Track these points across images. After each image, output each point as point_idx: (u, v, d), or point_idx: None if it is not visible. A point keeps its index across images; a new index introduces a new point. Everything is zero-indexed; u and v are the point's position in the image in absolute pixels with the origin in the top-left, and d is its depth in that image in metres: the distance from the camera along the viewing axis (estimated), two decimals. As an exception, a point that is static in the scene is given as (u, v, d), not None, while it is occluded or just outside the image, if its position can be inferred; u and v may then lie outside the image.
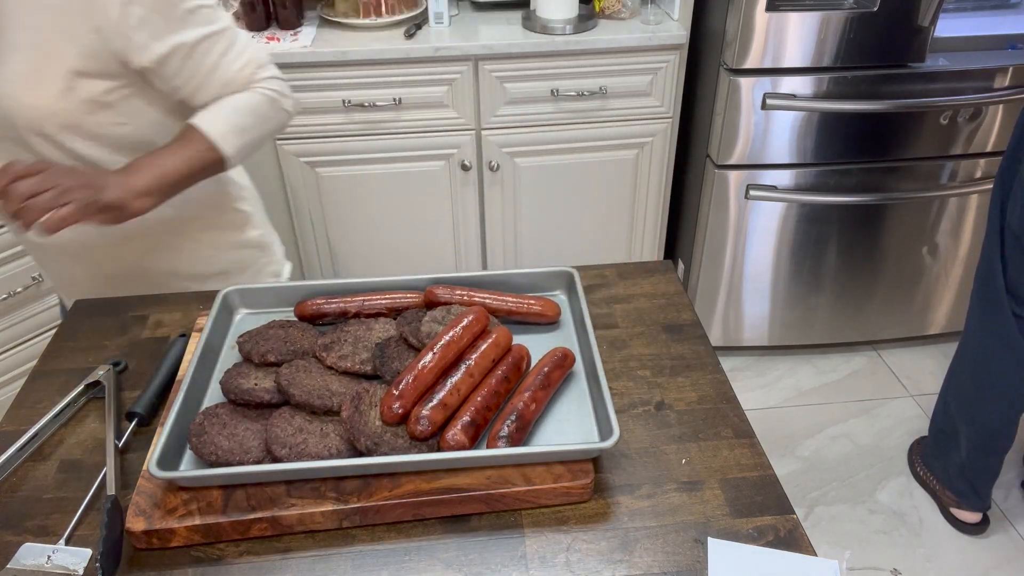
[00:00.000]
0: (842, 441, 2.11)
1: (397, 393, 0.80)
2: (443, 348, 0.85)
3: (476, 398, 0.82)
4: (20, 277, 1.71)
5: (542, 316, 0.97)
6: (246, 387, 0.85)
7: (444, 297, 0.96)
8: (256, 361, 0.89)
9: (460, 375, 0.83)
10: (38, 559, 0.73)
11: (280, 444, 0.78)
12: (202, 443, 0.78)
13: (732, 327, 2.31)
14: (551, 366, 0.87)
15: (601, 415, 0.82)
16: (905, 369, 2.35)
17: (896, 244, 2.17)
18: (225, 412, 0.83)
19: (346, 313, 0.97)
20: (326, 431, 0.81)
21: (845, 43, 1.86)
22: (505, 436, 0.79)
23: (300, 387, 0.84)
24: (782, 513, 0.77)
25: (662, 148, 2.14)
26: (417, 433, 0.78)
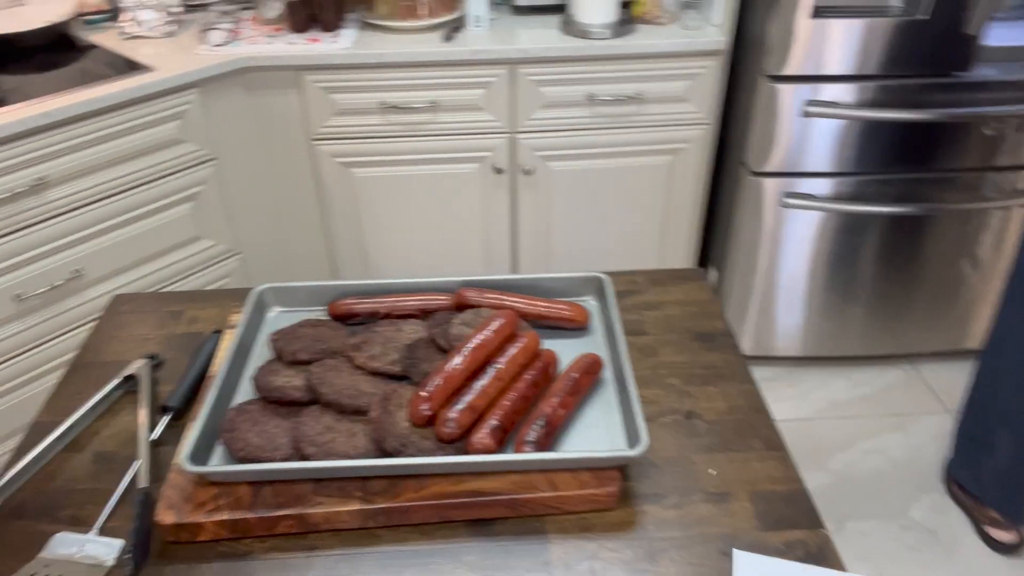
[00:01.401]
0: (875, 456, 2.07)
1: (425, 395, 0.81)
2: (472, 351, 0.85)
3: (504, 402, 0.82)
4: (61, 270, 1.75)
5: (572, 321, 0.97)
6: (277, 384, 0.86)
7: (474, 300, 0.96)
8: (287, 359, 0.90)
9: (488, 378, 0.83)
10: (70, 549, 0.75)
11: (309, 442, 0.79)
12: (233, 439, 0.79)
13: (764, 336, 2.28)
14: (580, 372, 0.86)
15: (629, 423, 0.81)
16: (942, 384, 2.29)
17: (936, 256, 2.12)
18: (256, 409, 0.84)
19: (377, 313, 0.98)
20: (354, 431, 0.81)
21: (890, 51, 1.82)
22: (532, 441, 0.78)
23: (330, 386, 0.84)
24: (812, 528, 0.75)
25: (698, 154, 2.12)
26: (444, 435, 0.78)
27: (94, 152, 1.71)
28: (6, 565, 0.74)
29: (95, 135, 1.70)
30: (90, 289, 1.83)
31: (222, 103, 1.90)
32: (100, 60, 1.86)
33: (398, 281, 1.01)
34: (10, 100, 1.64)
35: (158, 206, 1.87)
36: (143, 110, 1.75)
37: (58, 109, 1.61)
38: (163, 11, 2.00)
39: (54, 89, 1.68)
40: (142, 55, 1.87)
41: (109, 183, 1.76)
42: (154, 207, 1.86)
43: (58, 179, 1.68)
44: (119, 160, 1.76)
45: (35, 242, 1.70)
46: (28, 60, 1.87)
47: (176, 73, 1.76)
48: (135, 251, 1.87)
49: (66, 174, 1.69)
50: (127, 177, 1.79)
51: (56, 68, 1.83)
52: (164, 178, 1.85)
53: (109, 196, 1.77)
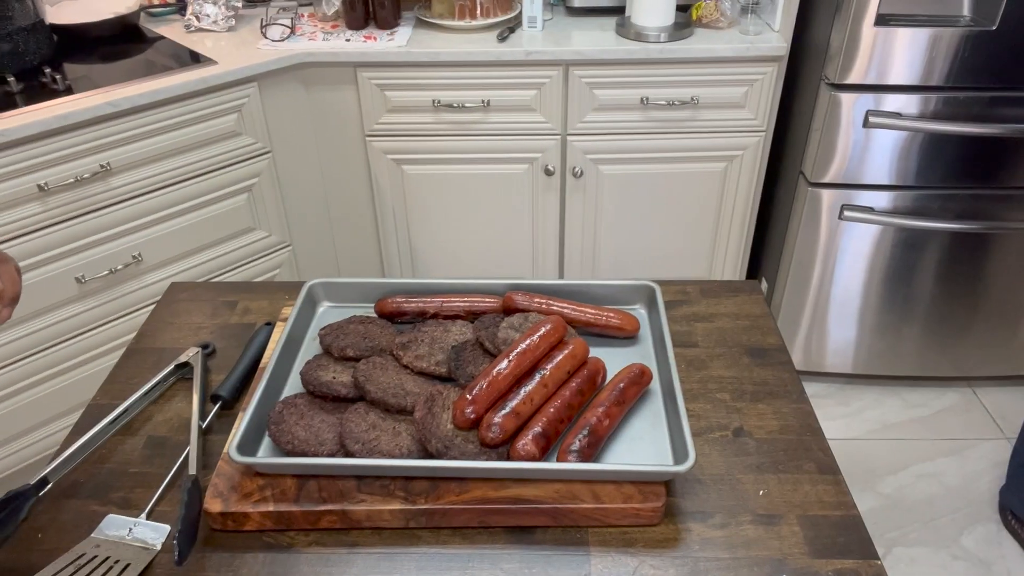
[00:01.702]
0: (928, 480, 2.00)
1: (470, 398, 0.80)
2: (519, 356, 0.84)
3: (549, 409, 0.81)
4: (122, 255, 1.81)
5: (620, 330, 0.95)
6: (324, 380, 0.86)
7: (522, 304, 0.96)
8: (336, 355, 0.91)
9: (534, 384, 0.83)
10: (120, 531, 0.77)
11: (353, 439, 0.79)
12: (280, 431, 0.80)
13: (815, 351, 2.22)
14: (627, 382, 0.85)
15: (676, 437, 0.80)
16: (1001, 409, 2.20)
17: (1000, 276, 2.04)
18: (303, 403, 0.85)
19: (424, 313, 0.98)
20: (398, 430, 0.81)
21: (958, 62, 1.76)
22: (576, 451, 0.77)
23: (376, 384, 0.85)
24: (865, 557, 0.72)
25: (752, 162, 2.08)
26: (488, 440, 0.78)
27: (156, 141, 1.75)
28: (59, 543, 0.76)
29: (158, 125, 1.74)
30: (148, 275, 1.88)
31: (279, 97, 1.93)
32: (165, 52, 1.91)
33: (446, 281, 1.01)
34: (77, 89, 1.69)
35: (215, 196, 1.91)
36: (204, 102, 1.79)
37: (124, 98, 1.66)
38: (225, 6, 2.04)
39: (120, 79, 1.73)
40: (204, 48, 1.92)
41: (169, 172, 1.80)
42: (211, 197, 1.90)
43: (121, 167, 1.73)
44: (180, 150, 1.80)
45: (97, 227, 1.75)
46: (95, 50, 1.93)
47: (237, 67, 1.80)
48: (192, 239, 1.91)
49: (129, 162, 1.73)
50: (186, 167, 1.83)
51: (122, 58, 1.88)
52: (221, 169, 1.89)
53: (169, 185, 1.82)
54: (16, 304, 0.78)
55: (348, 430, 0.80)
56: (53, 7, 2.02)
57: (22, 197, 1.62)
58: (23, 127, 1.55)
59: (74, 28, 1.94)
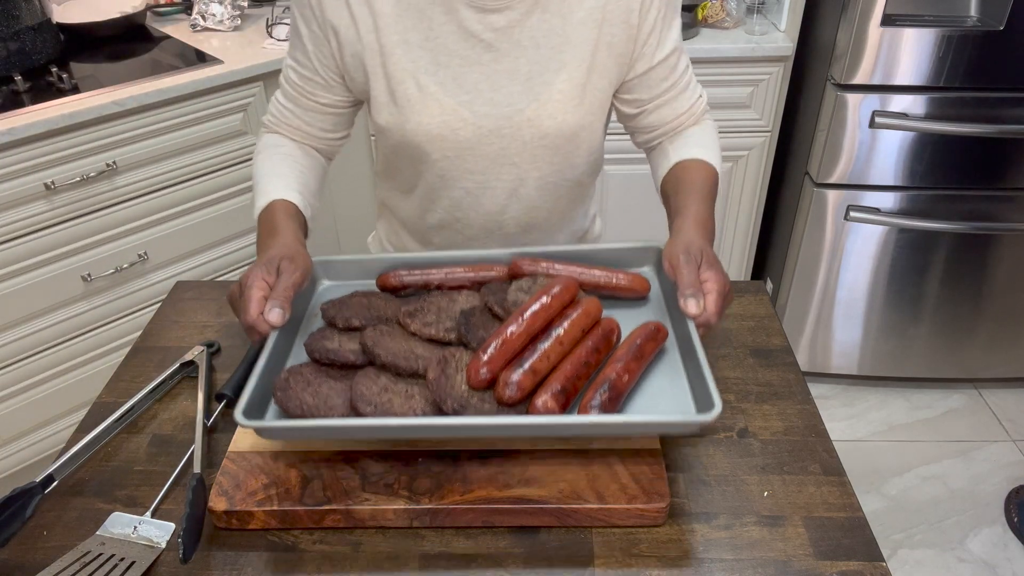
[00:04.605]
0: (933, 482, 1.99)
1: (485, 358, 0.77)
2: (531, 316, 0.81)
3: (566, 366, 0.78)
4: (128, 254, 1.81)
5: (631, 291, 0.92)
6: (330, 347, 0.84)
7: (529, 269, 0.93)
8: (340, 326, 0.87)
9: (550, 343, 0.79)
10: (125, 529, 0.77)
11: (365, 401, 0.76)
12: (287, 397, 0.77)
13: (820, 353, 2.22)
14: (643, 339, 0.81)
15: (699, 390, 0.77)
16: (1008, 411, 2.19)
17: (1006, 277, 2.03)
18: (309, 371, 0.82)
19: (428, 285, 0.95)
20: (411, 393, 0.78)
21: (964, 62, 1.75)
22: (597, 405, 0.74)
23: (385, 348, 0.82)
24: (870, 559, 0.72)
25: (758, 163, 2.07)
26: (505, 398, 0.75)
27: (162, 140, 1.76)
28: (64, 540, 0.76)
29: (164, 124, 1.75)
30: (153, 273, 1.88)
31: (285, 96, 1.93)
32: (170, 51, 1.92)
33: (449, 253, 0.98)
34: (84, 88, 1.70)
35: (221, 195, 1.91)
36: (210, 101, 1.79)
37: (130, 97, 1.66)
38: (231, 5, 2.04)
39: (126, 78, 1.73)
40: (210, 47, 1.92)
41: (175, 171, 1.81)
42: (217, 196, 1.91)
43: (127, 166, 1.73)
44: (185, 149, 1.81)
45: (104, 225, 1.75)
46: (102, 49, 1.94)
47: (242, 66, 1.81)
48: (197, 238, 1.92)
49: (135, 161, 1.74)
50: (192, 166, 1.83)
51: (128, 57, 1.89)
52: (227, 168, 1.90)
53: (175, 184, 1.83)
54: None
55: (359, 393, 0.77)
56: (60, 6, 2.03)
57: (29, 196, 1.63)
58: (30, 126, 1.56)
59: (80, 27, 1.95)
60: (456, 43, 0.94)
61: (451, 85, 0.95)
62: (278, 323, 0.80)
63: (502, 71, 0.95)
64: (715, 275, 0.82)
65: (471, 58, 0.95)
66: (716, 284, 0.82)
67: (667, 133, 1.07)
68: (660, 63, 0.99)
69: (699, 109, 1.07)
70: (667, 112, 1.04)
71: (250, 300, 0.81)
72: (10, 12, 1.73)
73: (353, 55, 0.96)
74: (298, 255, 0.87)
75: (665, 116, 1.05)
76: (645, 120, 1.05)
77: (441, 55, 0.94)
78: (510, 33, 0.94)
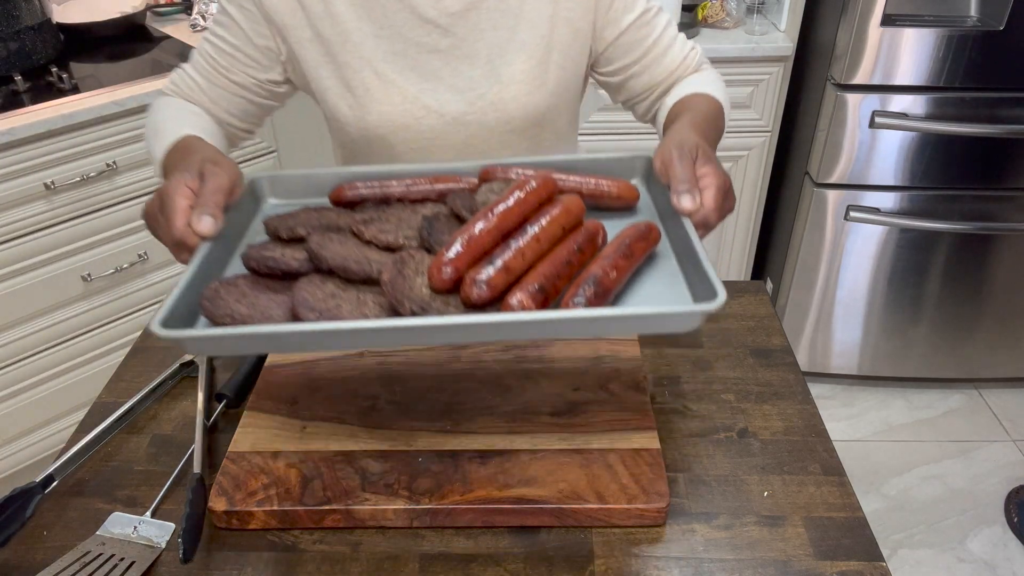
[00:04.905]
0: (933, 482, 1.99)
1: (449, 255, 0.66)
2: (503, 212, 0.70)
3: (544, 265, 0.67)
4: (128, 254, 1.81)
5: (618, 199, 0.82)
6: (271, 254, 0.73)
7: (502, 175, 0.83)
8: (284, 236, 0.77)
9: (525, 240, 0.69)
10: (125, 529, 0.77)
11: (308, 307, 0.66)
12: (215, 307, 0.66)
13: (820, 353, 2.22)
14: (633, 238, 0.72)
15: (699, 287, 0.68)
16: (1008, 411, 2.19)
17: (1006, 277, 2.03)
18: (246, 283, 0.71)
19: (388, 199, 0.84)
20: (364, 299, 0.68)
21: (964, 62, 1.75)
22: (582, 302, 0.64)
23: (334, 252, 0.71)
24: (871, 560, 0.72)
25: (758, 163, 2.07)
26: (473, 297, 0.64)
27: (162, 141, 1.76)
28: (64, 540, 0.76)
29: (163, 124, 1.75)
30: (153, 273, 1.88)
31: (285, 97, 1.93)
32: (170, 51, 1.92)
33: (412, 166, 0.87)
34: (84, 88, 1.70)
35: (220, 195, 1.91)
36: (210, 101, 1.79)
37: (130, 97, 1.66)
38: (233, 5, 2.04)
39: (126, 78, 1.74)
40: (211, 47, 1.92)
41: (175, 171, 1.81)
42: (216, 196, 1.91)
43: (127, 166, 1.73)
44: (185, 149, 1.81)
45: (104, 225, 1.76)
46: (101, 49, 1.94)
47: (243, 66, 1.80)
48: (196, 238, 1.92)
49: (135, 161, 1.74)
50: (192, 166, 1.83)
51: (128, 58, 1.89)
52: (227, 168, 1.90)
53: (174, 184, 1.82)
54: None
55: (301, 298, 0.66)
56: (60, 6, 2.03)
57: (29, 196, 1.63)
58: (30, 126, 1.56)
59: (80, 27, 1.95)
60: (412, 30, 0.93)
61: (410, 73, 0.94)
62: (210, 232, 0.70)
63: (461, 56, 0.94)
64: (713, 170, 0.74)
65: (428, 44, 0.94)
66: (715, 179, 0.73)
67: (664, 92, 1.02)
68: (632, 25, 0.96)
69: (693, 61, 1.01)
70: (657, 71, 1.00)
71: (175, 211, 0.70)
72: (10, 12, 1.73)
73: (298, 41, 0.94)
74: (223, 160, 0.77)
75: (656, 75, 1.00)
76: (634, 84, 1.01)
77: (397, 43, 0.93)
78: (467, 17, 0.93)
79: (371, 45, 0.93)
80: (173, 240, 0.71)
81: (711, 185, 0.73)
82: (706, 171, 0.74)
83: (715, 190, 0.72)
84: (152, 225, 0.75)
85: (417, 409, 0.86)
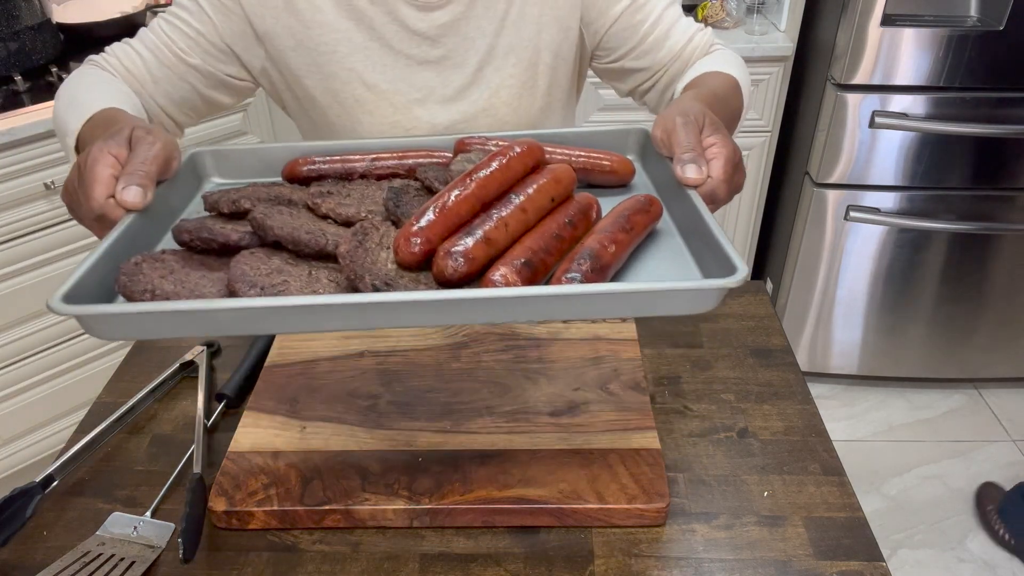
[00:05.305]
0: (933, 482, 1.99)
1: (420, 224, 0.57)
2: (484, 178, 0.60)
3: (531, 238, 0.59)
4: (127, 254, 1.81)
5: (612, 173, 0.73)
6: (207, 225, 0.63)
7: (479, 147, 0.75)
8: (226, 210, 0.66)
9: (510, 209, 0.60)
10: (125, 529, 0.77)
11: (247, 283, 0.55)
12: (133, 283, 0.55)
13: (820, 352, 2.22)
14: (632, 210, 0.64)
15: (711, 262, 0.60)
16: (1008, 411, 2.19)
17: (1006, 277, 2.03)
18: (175, 259, 0.60)
19: (351, 175, 0.74)
20: (316, 276, 0.58)
21: (964, 62, 1.75)
22: (578, 278, 0.56)
23: (282, 222, 0.61)
24: (871, 560, 0.72)
25: (758, 163, 2.07)
26: (448, 271, 0.54)
27: (162, 141, 1.76)
28: (64, 540, 0.76)
29: (163, 124, 1.75)
30: (152, 274, 1.88)
31: (285, 97, 1.93)
32: (171, 51, 1.91)
33: (377, 140, 0.78)
34: (86, 88, 1.70)
35: (220, 195, 1.91)
36: (210, 101, 1.79)
37: (130, 98, 1.66)
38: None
39: (127, 78, 1.73)
40: (211, 47, 1.92)
41: (174, 171, 1.81)
42: (216, 196, 1.91)
43: (127, 166, 1.73)
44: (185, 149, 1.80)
45: (103, 226, 1.75)
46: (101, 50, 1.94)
47: (243, 66, 1.80)
48: (196, 238, 1.92)
49: (135, 161, 1.74)
50: (192, 166, 1.83)
51: (130, 58, 1.89)
52: (227, 168, 1.90)
53: (174, 184, 1.82)
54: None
55: (240, 272, 0.55)
56: (60, 6, 2.03)
57: (29, 195, 1.63)
58: (30, 126, 1.56)
59: (80, 27, 1.95)
60: (401, 43, 0.92)
61: (401, 84, 0.94)
62: (138, 204, 0.60)
63: (451, 66, 0.94)
64: (722, 139, 0.67)
65: (418, 56, 0.93)
66: (723, 148, 0.66)
67: (675, 76, 0.96)
68: (625, 12, 0.93)
69: (701, 42, 0.95)
70: (660, 55, 0.95)
71: (95, 180, 0.60)
72: (10, 12, 1.73)
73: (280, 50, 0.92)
74: (157, 130, 0.68)
75: (659, 59, 0.95)
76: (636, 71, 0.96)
77: (387, 55, 0.93)
78: (456, 27, 0.92)
79: (360, 57, 0.93)
80: (92, 213, 0.61)
81: (719, 155, 0.66)
82: (714, 140, 0.67)
83: (724, 160, 0.65)
84: (70, 203, 0.65)
85: (417, 409, 0.86)
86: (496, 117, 0.96)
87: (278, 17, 0.91)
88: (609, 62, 1.00)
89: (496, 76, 0.95)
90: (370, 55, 0.93)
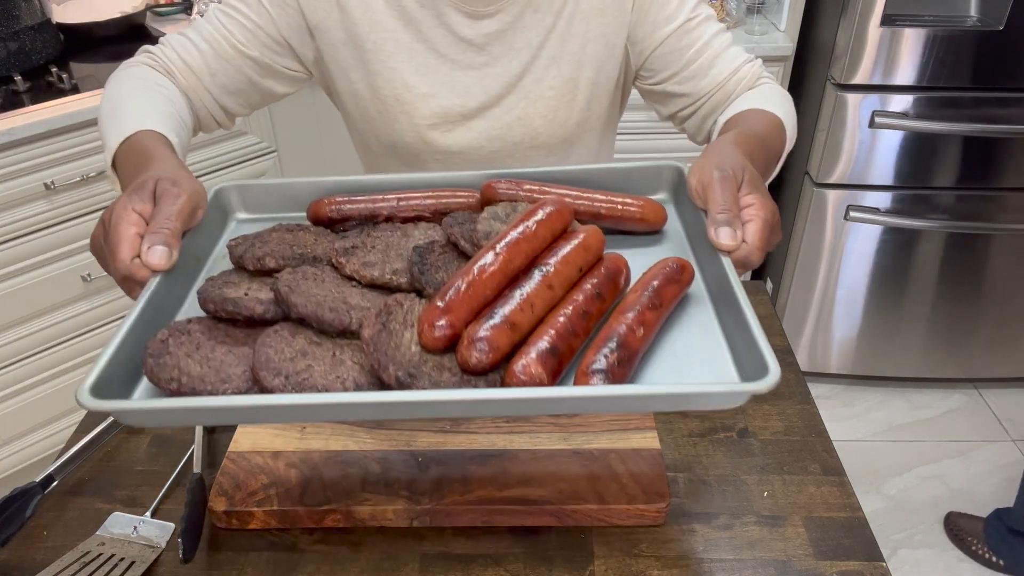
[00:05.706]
0: (933, 482, 1.99)
1: (443, 305, 0.57)
2: (509, 247, 0.60)
3: (557, 319, 0.58)
4: (127, 254, 1.81)
5: (642, 221, 0.72)
6: (231, 295, 0.63)
7: (507, 193, 0.72)
8: (251, 267, 0.67)
9: (534, 285, 0.59)
10: (125, 529, 0.77)
11: (273, 371, 0.55)
12: (161, 366, 0.56)
13: (820, 353, 2.22)
14: (662, 280, 0.62)
15: (741, 349, 0.57)
16: (1008, 411, 2.19)
17: (1006, 277, 2.03)
18: (200, 330, 0.61)
19: (376, 216, 0.74)
20: (340, 358, 0.58)
21: (964, 62, 1.75)
22: (602, 371, 0.54)
23: (305, 296, 0.61)
24: (871, 560, 0.72)
25: (758, 163, 2.07)
26: (472, 362, 0.54)
27: (162, 141, 1.76)
28: (64, 540, 0.76)
29: (163, 124, 1.75)
30: (152, 274, 1.88)
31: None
32: (171, 51, 1.91)
33: (404, 176, 0.77)
34: (83, 88, 1.70)
35: (220, 195, 1.91)
36: (210, 101, 1.79)
37: (130, 98, 1.66)
38: (233, 5, 2.04)
39: (127, 78, 1.73)
40: (211, 47, 1.92)
41: (174, 171, 1.81)
42: (216, 196, 1.91)
43: (127, 166, 1.73)
44: (185, 149, 1.81)
45: (103, 226, 1.75)
46: (101, 49, 1.94)
47: (243, 66, 1.80)
48: (196, 238, 1.92)
49: (135, 161, 1.74)
50: (192, 166, 1.83)
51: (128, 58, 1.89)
52: (227, 168, 1.90)
53: (174, 184, 1.82)
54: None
55: (264, 358, 0.56)
56: (60, 6, 2.02)
57: (29, 195, 1.63)
58: (30, 126, 1.56)
59: (80, 27, 1.95)
60: (447, 47, 0.93)
61: (441, 87, 0.95)
62: (163, 265, 0.61)
63: (494, 74, 0.95)
64: (760, 200, 0.64)
65: (463, 62, 0.94)
66: (761, 211, 0.63)
67: (716, 106, 0.94)
68: (672, 34, 0.92)
69: (748, 74, 0.92)
70: (703, 83, 0.93)
71: (120, 240, 0.61)
72: (10, 12, 1.73)
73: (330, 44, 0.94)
74: (181, 177, 0.67)
75: (701, 87, 0.93)
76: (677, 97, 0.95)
77: (432, 58, 0.94)
78: (503, 37, 0.93)
79: (404, 57, 0.94)
80: (120, 275, 0.62)
81: (756, 217, 0.63)
82: (752, 200, 0.64)
83: (760, 224, 0.62)
84: (99, 257, 0.65)
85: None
86: (531, 128, 0.96)
87: (329, 11, 0.92)
88: (652, 84, 0.99)
89: (536, 87, 0.95)
90: (414, 56, 0.94)
